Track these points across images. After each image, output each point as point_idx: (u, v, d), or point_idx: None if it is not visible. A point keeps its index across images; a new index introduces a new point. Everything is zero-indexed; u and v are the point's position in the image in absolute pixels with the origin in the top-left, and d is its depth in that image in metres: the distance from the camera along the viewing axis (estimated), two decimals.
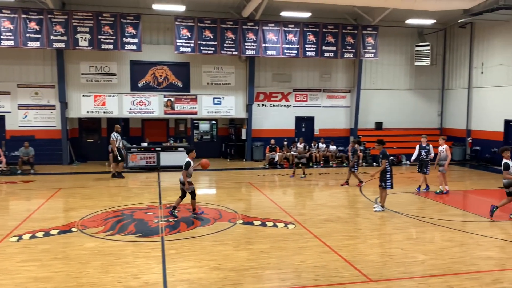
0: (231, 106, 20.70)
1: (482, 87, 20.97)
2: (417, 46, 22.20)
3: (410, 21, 20.29)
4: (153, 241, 8.50)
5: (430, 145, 13.85)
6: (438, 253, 7.89)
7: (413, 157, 14.11)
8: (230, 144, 21.81)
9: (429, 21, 20.35)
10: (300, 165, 16.70)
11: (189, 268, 7.06)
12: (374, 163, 20.48)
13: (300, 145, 17.09)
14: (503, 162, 10.26)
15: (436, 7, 16.82)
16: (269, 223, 9.85)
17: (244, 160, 21.19)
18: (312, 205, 12.20)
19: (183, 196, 10.48)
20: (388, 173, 11.12)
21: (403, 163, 20.79)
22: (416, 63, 22.33)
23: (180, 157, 18.42)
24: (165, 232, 9.14)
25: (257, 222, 9.93)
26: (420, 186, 13.97)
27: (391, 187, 11.17)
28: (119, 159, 16.29)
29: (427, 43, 22.05)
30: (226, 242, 8.41)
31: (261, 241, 8.52)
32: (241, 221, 10.03)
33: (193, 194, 10.47)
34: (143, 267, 7.11)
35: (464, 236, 9.03)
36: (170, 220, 10.07)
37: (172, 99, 20.04)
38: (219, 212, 10.89)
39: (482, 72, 20.89)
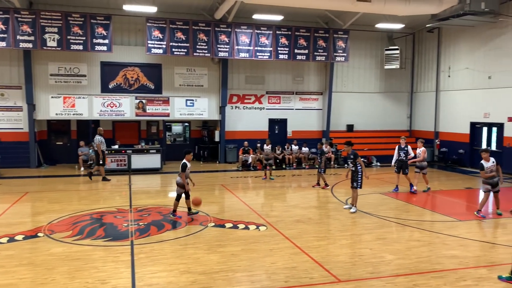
0: (204, 108, 20.62)
1: (449, 90, 21.59)
2: (386, 50, 22.68)
3: (380, 25, 20.71)
4: (122, 245, 8.38)
5: (409, 146, 14.27)
6: (406, 253, 8.07)
7: (394, 159, 14.50)
8: (203, 146, 21.72)
9: (398, 26, 20.83)
10: (268, 167, 16.82)
11: (158, 272, 6.99)
12: (345, 165, 20.74)
13: (267, 147, 17.30)
14: (480, 163, 10.70)
15: (405, 12, 17.22)
16: (241, 226, 9.86)
17: (217, 162, 21.13)
18: (284, 206, 12.26)
19: (178, 198, 10.55)
20: (360, 173, 11.33)
21: (373, 164, 21.17)
22: (386, 67, 22.81)
23: (152, 160, 18.40)
24: (135, 236, 9.01)
25: (229, 225, 9.92)
26: (397, 186, 14.41)
27: (361, 187, 11.40)
28: (101, 163, 16.08)
29: (396, 47, 22.56)
30: (197, 245, 8.37)
31: (233, 244, 8.52)
32: (213, 224, 9.99)
33: (187, 195, 10.58)
34: (112, 271, 6.99)
35: (431, 236, 9.26)
36: (140, 223, 9.95)
37: (144, 101, 19.80)
38: (191, 216, 10.81)
39: (449, 76, 21.51)
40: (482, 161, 10.75)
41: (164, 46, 18.47)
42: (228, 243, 8.56)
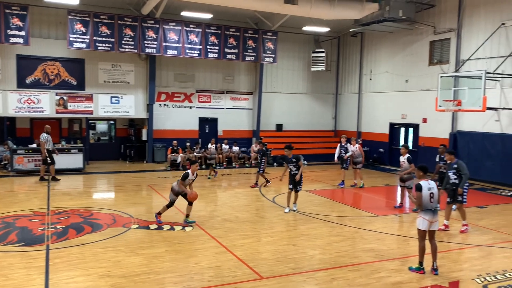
0: (130, 105, 19.95)
1: (370, 93, 22.78)
2: (313, 52, 23.42)
3: (307, 28, 21.34)
4: (36, 250, 7.86)
5: (349, 144, 15.48)
6: (326, 248, 8.38)
7: (336, 155, 15.78)
8: (129, 145, 21.01)
9: (324, 29, 21.58)
10: (211, 166, 17.05)
11: (75, 277, 6.65)
12: (275, 164, 21.14)
13: (211, 146, 17.37)
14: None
15: (330, 16, 17.90)
16: (166, 227, 9.67)
17: (144, 162, 20.56)
18: (212, 206, 12.22)
19: (170, 205, 10.06)
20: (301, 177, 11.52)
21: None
22: (313, 69, 23.55)
23: (73, 160, 17.46)
24: (52, 240, 8.50)
25: (153, 226, 9.69)
26: (343, 181, 15.41)
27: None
28: (49, 161, 15.16)
29: (322, 50, 23.37)
30: (118, 248, 8.07)
31: (156, 245, 8.33)
32: (137, 226, 9.70)
33: (171, 204, 10.07)
34: (23, 279, 6.53)
35: (350, 231, 9.70)
36: (58, 227, 9.40)
37: (65, 98, 18.74)
38: (113, 217, 10.42)
39: (370, 79, 22.69)
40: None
41: (87, 41, 17.62)
42: (152, 245, 8.35)
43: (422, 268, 7.14)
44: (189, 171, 9.97)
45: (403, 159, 11.76)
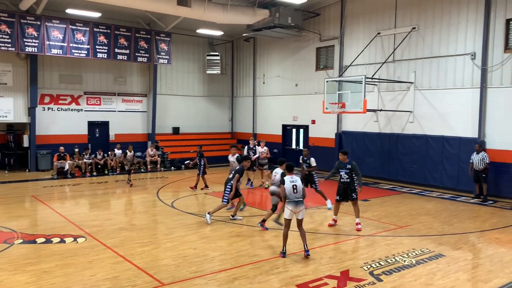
0: (8, 109, 18.03)
1: (264, 96, 23.60)
2: (208, 55, 23.55)
3: (201, 31, 21.37)
4: None
5: (257, 146, 15.93)
6: (227, 249, 8.50)
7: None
8: (8, 153, 18.97)
9: (218, 33, 21.81)
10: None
11: None
12: (172, 167, 20.80)
13: (130, 153, 17.04)
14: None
15: (223, 20, 18.15)
16: (56, 239, 8.97)
17: (27, 170, 18.77)
18: (106, 215, 11.61)
19: (275, 208, 9.90)
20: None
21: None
22: (208, 72, 23.67)
23: None
24: None
25: (40, 240, 8.92)
26: (251, 181, 15.79)
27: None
28: None
29: (217, 53, 23.60)
30: (1, 267, 7.28)
31: (45, 260, 7.68)
32: (21, 241, 8.84)
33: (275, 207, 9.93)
34: None
35: (249, 230, 9.95)
36: None
37: None
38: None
39: (264, 82, 23.51)
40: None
41: None
42: (40, 260, 7.68)
43: (283, 253, 8.03)
44: (278, 170, 9.65)
45: (232, 158, 13.07)
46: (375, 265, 7.65)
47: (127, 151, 17.25)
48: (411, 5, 16.32)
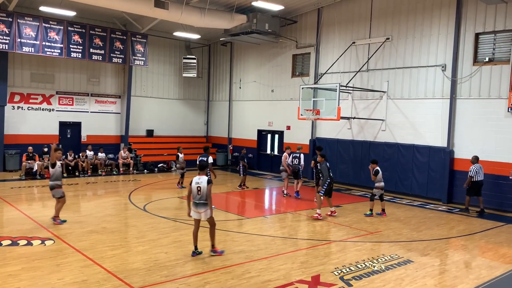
0: None
1: (240, 101, 23.64)
2: (184, 58, 23.43)
3: (177, 34, 21.26)
4: None
5: (301, 154, 15.65)
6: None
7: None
8: None
9: (195, 36, 21.75)
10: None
11: None
12: (145, 170, 20.57)
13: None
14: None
15: (200, 24, 18.13)
16: (22, 242, 8.72)
17: None
18: (76, 217, 11.35)
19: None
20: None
21: (172, 169, 21.47)
22: (184, 75, 23.54)
23: None
24: None
25: (6, 242, 8.66)
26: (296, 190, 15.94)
27: None
28: None
29: (193, 57, 23.51)
30: None
31: (10, 263, 7.46)
32: None
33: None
34: None
35: (222, 235, 9.92)
36: None
37: None
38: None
39: (240, 87, 23.55)
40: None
41: None
42: (5, 263, 7.46)
43: (194, 252, 8.19)
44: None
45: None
46: (346, 270, 7.76)
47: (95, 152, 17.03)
48: (386, 16, 16.72)
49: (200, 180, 8.10)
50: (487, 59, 14.04)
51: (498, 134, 13.76)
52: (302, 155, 15.26)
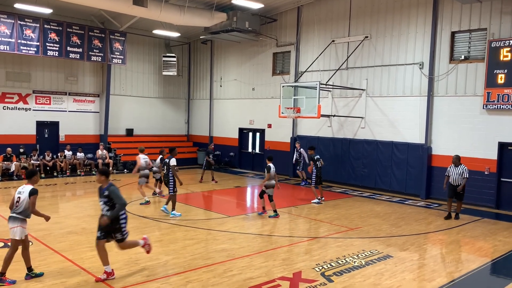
0: None
1: (221, 99, 23.58)
2: (164, 56, 23.22)
3: (157, 32, 21.06)
4: None
5: (302, 149, 17.37)
6: (180, 252, 8.42)
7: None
8: None
9: (175, 34, 21.57)
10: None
11: None
12: (125, 170, 20.35)
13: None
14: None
15: (180, 22, 17.99)
16: None
17: None
18: (54, 218, 11.09)
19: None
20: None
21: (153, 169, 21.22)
22: (164, 73, 23.33)
23: None
24: None
25: None
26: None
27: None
28: None
29: (173, 55, 23.32)
30: None
31: None
32: None
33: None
34: None
35: (203, 233, 9.91)
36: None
37: None
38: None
39: (221, 86, 23.49)
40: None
41: None
42: None
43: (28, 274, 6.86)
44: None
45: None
46: (327, 266, 7.84)
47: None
48: (364, 15, 16.91)
49: (23, 190, 6.77)
50: (462, 57, 14.36)
51: (474, 131, 14.09)
52: (302, 149, 17.37)
